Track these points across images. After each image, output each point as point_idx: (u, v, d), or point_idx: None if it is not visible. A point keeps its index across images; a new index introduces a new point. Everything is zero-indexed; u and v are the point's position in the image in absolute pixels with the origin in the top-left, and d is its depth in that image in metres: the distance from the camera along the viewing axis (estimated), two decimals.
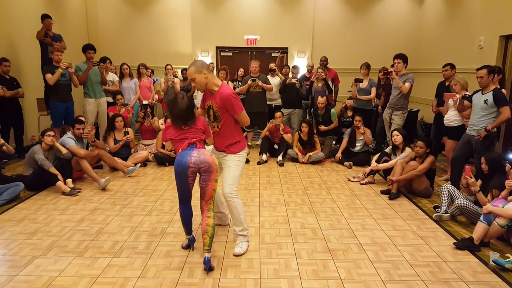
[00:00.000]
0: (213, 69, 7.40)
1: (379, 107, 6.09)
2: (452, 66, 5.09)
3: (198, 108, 3.10)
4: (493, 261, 2.70)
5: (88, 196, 4.09)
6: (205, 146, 2.75)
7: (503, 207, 2.99)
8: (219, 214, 3.25)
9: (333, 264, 2.73)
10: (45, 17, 5.66)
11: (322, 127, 5.78)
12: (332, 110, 5.86)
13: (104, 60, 6.07)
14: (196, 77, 2.67)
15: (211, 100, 2.77)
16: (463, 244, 3.00)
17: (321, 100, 5.73)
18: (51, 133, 4.25)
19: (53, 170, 4.10)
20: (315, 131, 5.78)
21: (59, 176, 4.12)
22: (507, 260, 2.70)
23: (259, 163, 5.51)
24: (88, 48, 5.64)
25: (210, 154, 2.64)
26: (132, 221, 3.43)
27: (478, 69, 3.90)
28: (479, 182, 3.52)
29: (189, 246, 2.87)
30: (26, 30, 5.89)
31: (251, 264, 2.70)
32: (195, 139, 2.65)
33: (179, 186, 2.64)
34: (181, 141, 2.68)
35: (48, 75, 5.14)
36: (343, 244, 3.05)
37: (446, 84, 5.15)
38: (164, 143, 2.81)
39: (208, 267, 2.56)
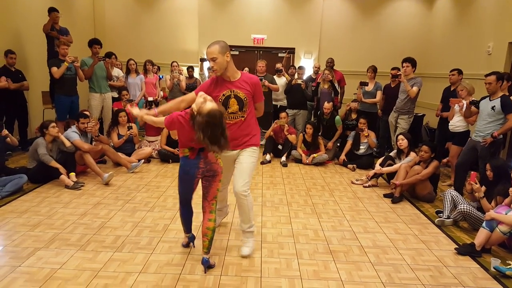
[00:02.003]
0: None
1: (379, 110, 6.09)
2: (460, 72, 5.08)
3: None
4: (494, 268, 2.69)
5: (91, 190, 4.11)
6: None
7: (506, 214, 2.98)
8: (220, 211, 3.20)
9: (334, 265, 2.72)
10: (52, 10, 5.68)
11: (330, 144, 5.82)
12: (337, 117, 5.88)
13: (109, 55, 6.08)
14: (219, 57, 2.45)
15: (230, 88, 2.57)
16: (465, 250, 2.99)
17: (327, 105, 5.75)
18: (54, 124, 4.27)
19: (53, 163, 4.09)
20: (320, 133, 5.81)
21: (61, 170, 4.11)
22: (508, 267, 2.69)
23: (262, 163, 5.50)
24: (94, 43, 5.65)
25: (215, 160, 2.50)
26: (135, 217, 3.44)
27: (486, 75, 3.89)
28: (483, 188, 3.51)
29: (189, 243, 2.86)
30: (33, 23, 5.92)
31: (252, 263, 2.70)
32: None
33: (182, 190, 2.60)
34: (188, 146, 2.45)
35: (54, 69, 5.15)
36: (345, 246, 3.05)
37: (452, 89, 5.14)
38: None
39: (207, 266, 2.56)
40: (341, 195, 4.30)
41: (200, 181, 2.59)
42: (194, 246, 2.85)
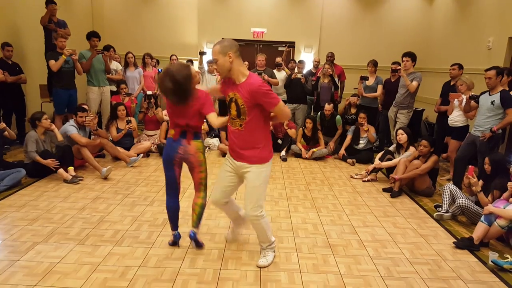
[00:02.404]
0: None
1: (379, 105, 6.08)
2: (460, 66, 5.07)
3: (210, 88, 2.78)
4: (492, 261, 2.71)
5: (90, 184, 4.10)
6: (200, 137, 2.62)
7: (504, 208, 2.99)
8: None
9: (333, 259, 2.73)
10: (49, 3, 5.61)
11: (331, 145, 5.84)
12: (338, 116, 5.89)
13: (107, 48, 6.03)
14: (219, 58, 2.23)
15: (234, 91, 2.30)
16: (463, 244, 3.01)
17: (328, 107, 5.75)
18: (46, 116, 4.25)
19: (39, 159, 4.03)
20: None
21: (50, 166, 4.03)
22: (505, 260, 2.71)
23: None
24: (92, 36, 5.60)
25: (194, 152, 2.54)
26: (134, 211, 3.44)
27: (486, 70, 3.88)
28: (481, 182, 3.52)
29: (175, 243, 2.79)
30: (30, 15, 5.86)
31: (252, 257, 2.70)
32: (186, 129, 2.51)
33: (165, 173, 2.65)
34: (173, 124, 2.54)
35: (52, 62, 5.11)
36: (344, 239, 3.06)
37: (452, 83, 5.13)
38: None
39: (195, 242, 2.63)
40: (340, 190, 4.30)
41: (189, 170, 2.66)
42: (179, 246, 2.80)
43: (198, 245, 2.71)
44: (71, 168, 4.20)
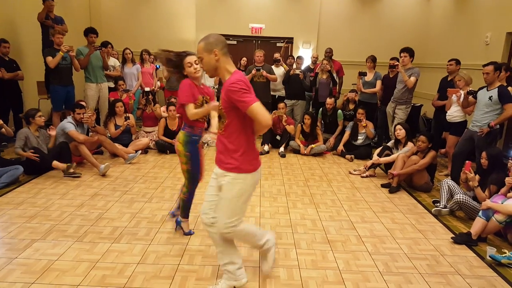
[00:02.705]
0: None
1: (378, 101, 6.07)
2: (457, 62, 5.06)
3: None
4: (490, 256, 2.72)
5: (88, 181, 4.09)
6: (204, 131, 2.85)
7: (502, 203, 3.00)
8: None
9: (331, 255, 2.74)
10: None
11: (331, 140, 5.86)
12: (339, 111, 5.89)
13: (105, 44, 6.00)
14: (204, 56, 1.99)
15: (222, 92, 2.04)
16: (461, 239, 3.02)
17: (329, 101, 5.76)
18: (41, 113, 4.25)
19: (20, 152, 4.03)
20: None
21: (32, 157, 3.99)
22: (503, 255, 2.72)
23: (260, 153, 5.49)
24: (90, 32, 5.56)
25: (176, 141, 2.74)
26: (132, 208, 3.43)
27: (484, 65, 3.89)
28: (477, 177, 3.52)
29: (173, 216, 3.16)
30: (27, 11, 5.81)
31: (251, 253, 2.71)
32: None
33: None
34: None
35: (49, 58, 5.08)
36: (342, 235, 3.07)
37: (449, 79, 5.12)
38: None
39: (181, 229, 2.92)
40: (339, 185, 4.31)
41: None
42: (176, 230, 2.99)
43: (185, 233, 2.93)
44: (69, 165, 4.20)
